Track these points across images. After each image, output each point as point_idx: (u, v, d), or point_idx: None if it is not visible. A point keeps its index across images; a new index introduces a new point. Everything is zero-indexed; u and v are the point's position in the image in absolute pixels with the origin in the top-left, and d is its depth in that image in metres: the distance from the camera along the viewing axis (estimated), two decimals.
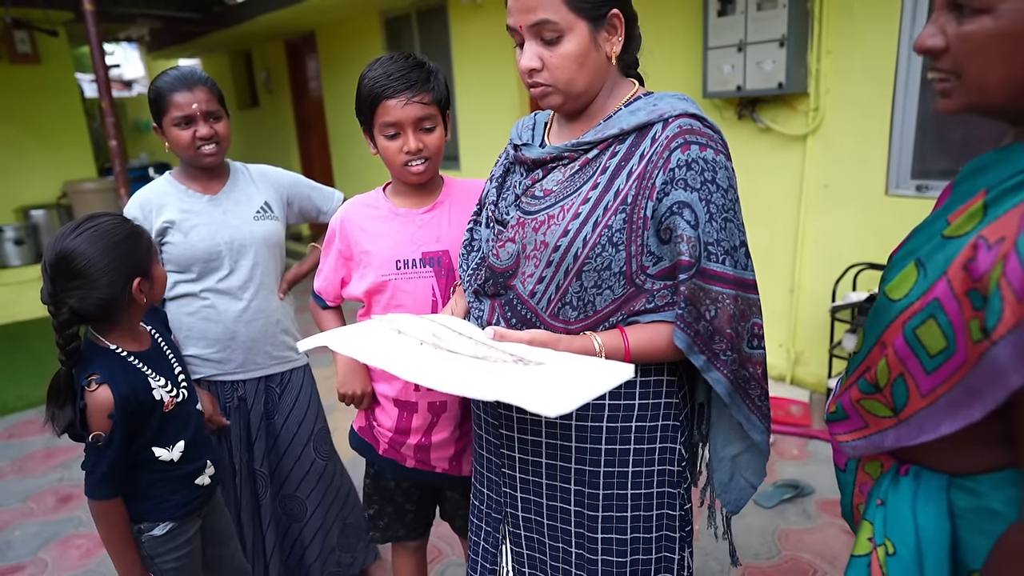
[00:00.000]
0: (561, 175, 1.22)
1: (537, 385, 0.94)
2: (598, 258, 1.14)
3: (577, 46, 1.14)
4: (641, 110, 1.18)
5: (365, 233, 1.59)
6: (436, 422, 1.61)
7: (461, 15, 5.69)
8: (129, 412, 1.47)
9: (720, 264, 1.11)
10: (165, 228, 1.93)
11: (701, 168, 1.11)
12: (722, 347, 1.13)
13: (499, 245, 1.26)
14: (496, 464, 1.36)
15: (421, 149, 1.49)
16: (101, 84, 4.29)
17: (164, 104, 1.88)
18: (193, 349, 2.00)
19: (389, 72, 1.46)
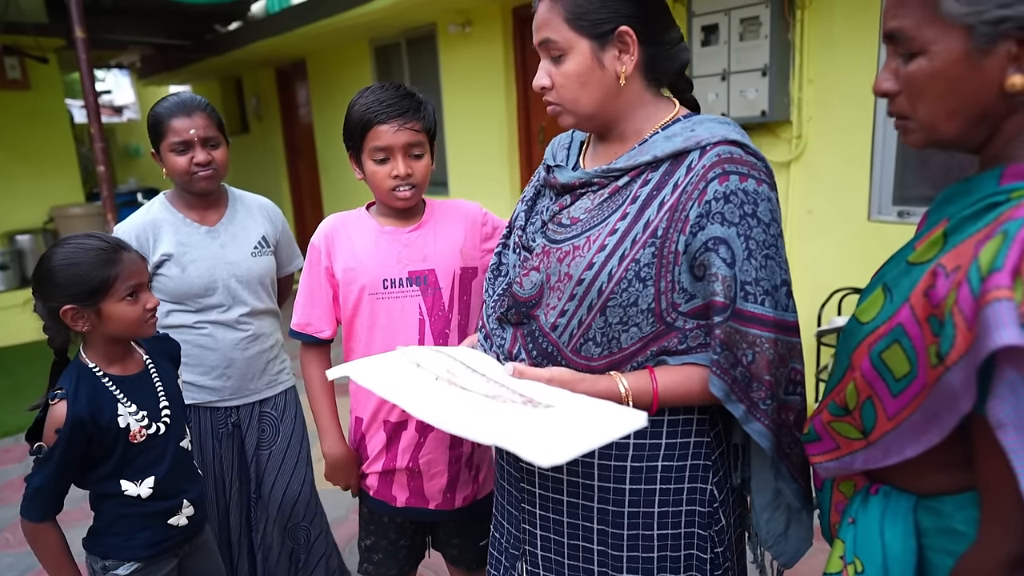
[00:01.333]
0: (590, 203, 1.15)
1: (538, 431, 0.90)
2: (624, 293, 1.07)
3: (577, 65, 1.10)
4: (677, 136, 1.10)
5: (351, 250, 1.59)
6: (424, 442, 1.60)
7: (450, 43, 5.76)
8: (83, 434, 1.43)
9: (759, 305, 1.03)
10: (163, 261, 1.89)
11: (740, 201, 1.03)
12: (761, 395, 1.05)
13: (523, 273, 1.19)
14: (516, 498, 1.30)
15: (410, 175, 1.51)
16: (91, 110, 4.30)
17: (162, 129, 1.86)
18: (189, 376, 1.94)
19: (382, 99, 1.50)
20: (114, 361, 1.53)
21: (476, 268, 1.63)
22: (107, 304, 1.44)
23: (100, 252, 1.44)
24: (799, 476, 1.13)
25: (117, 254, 1.46)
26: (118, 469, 1.50)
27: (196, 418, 2.01)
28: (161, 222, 1.91)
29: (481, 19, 5.38)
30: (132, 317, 1.48)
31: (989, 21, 0.77)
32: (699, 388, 1.08)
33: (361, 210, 1.66)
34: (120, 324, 1.47)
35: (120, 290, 1.45)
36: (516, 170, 5.54)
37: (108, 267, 1.44)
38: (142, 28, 8.07)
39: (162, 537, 1.56)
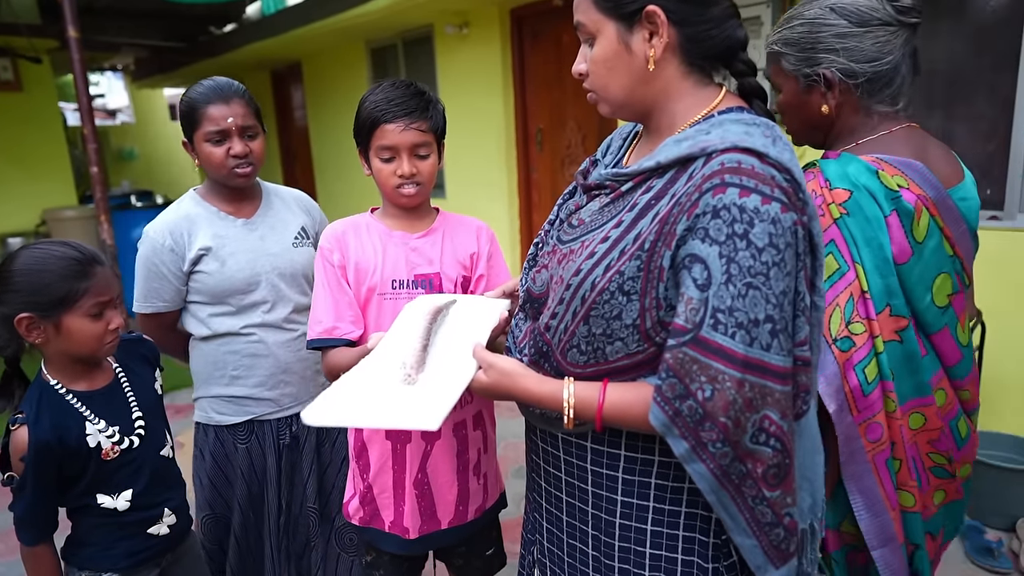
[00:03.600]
0: (597, 206, 1.10)
1: (416, 402, 1.08)
2: (606, 305, 1.00)
3: (603, 50, 1.04)
4: (688, 139, 1.00)
5: (361, 252, 1.56)
6: (431, 451, 1.56)
7: (447, 45, 5.73)
8: (50, 458, 1.35)
9: (727, 337, 0.90)
10: (200, 256, 1.75)
11: (732, 218, 0.90)
12: (712, 436, 0.92)
13: (537, 270, 1.18)
14: (530, 485, 1.29)
15: (415, 174, 1.50)
16: (84, 110, 4.25)
17: (197, 117, 1.71)
18: (241, 389, 1.80)
19: (390, 98, 1.48)
20: (78, 376, 1.44)
21: (471, 279, 1.61)
22: (68, 318, 1.36)
23: (71, 262, 1.36)
24: (759, 533, 0.98)
25: (90, 267, 1.38)
26: (92, 485, 1.44)
27: (251, 434, 1.85)
28: (195, 216, 1.79)
29: (478, 20, 5.34)
30: (91, 335, 1.38)
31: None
32: (642, 411, 0.97)
33: (365, 215, 1.63)
34: (77, 341, 1.38)
35: (86, 305, 1.36)
36: (514, 173, 5.50)
37: (78, 279, 1.35)
38: (136, 30, 8.02)
39: (142, 547, 1.51)
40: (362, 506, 1.60)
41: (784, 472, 0.94)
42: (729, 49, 1.07)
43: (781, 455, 0.93)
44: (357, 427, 1.27)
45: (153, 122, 13.27)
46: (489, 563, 1.72)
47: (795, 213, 0.92)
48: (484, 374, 1.13)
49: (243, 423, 1.84)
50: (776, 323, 0.91)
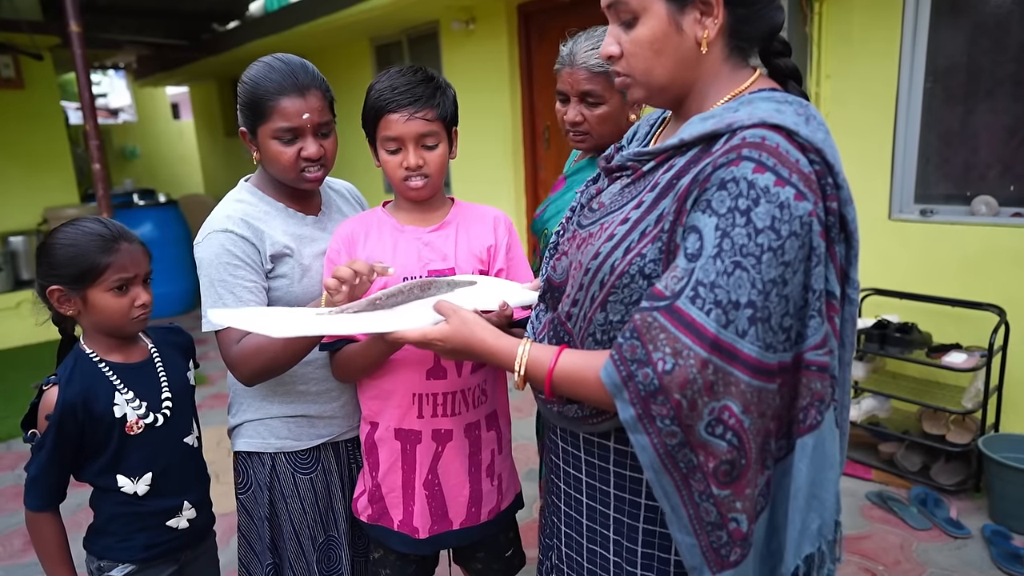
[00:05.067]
0: (618, 188, 1.07)
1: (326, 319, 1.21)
2: (625, 289, 0.95)
3: (651, 30, 0.97)
4: (715, 117, 0.95)
5: (371, 250, 1.51)
6: (442, 452, 1.50)
7: (453, 41, 5.67)
8: (73, 420, 1.38)
9: (701, 312, 0.85)
10: (283, 255, 1.53)
11: (737, 192, 0.86)
12: (663, 411, 0.87)
13: (557, 257, 1.15)
14: (548, 487, 1.25)
15: (421, 166, 1.44)
16: (86, 106, 4.20)
17: (265, 109, 1.46)
18: (313, 408, 1.59)
19: (395, 86, 1.42)
20: (113, 349, 1.48)
21: (488, 273, 1.54)
22: (93, 292, 1.40)
23: (97, 237, 1.40)
24: (700, 532, 0.92)
25: (116, 242, 1.41)
26: (114, 462, 1.44)
27: (317, 462, 1.63)
28: (263, 212, 1.56)
29: (485, 16, 5.29)
30: (116, 310, 1.42)
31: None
32: (593, 375, 0.94)
33: (377, 210, 1.58)
34: (102, 315, 1.42)
35: (109, 280, 1.40)
36: (520, 170, 5.44)
37: (101, 254, 1.39)
38: (138, 28, 7.98)
39: (160, 540, 1.49)
40: (370, 504, 1.55)
41: (738, 473, 0.88)
42: (771, 31, 1.02)
43: (736, 452, 0.87)
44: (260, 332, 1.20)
45: (155, 121, 13.23)
46: (509, 564, 1.67)
47: (811, 203, 0.86)
48: (446, 322, 1.12)
49: (310, 449, 1.61)
50: (758, 310, 0.85)
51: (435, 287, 1.32)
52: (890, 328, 3.09)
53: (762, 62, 1.06)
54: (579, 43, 1.67)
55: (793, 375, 0.91)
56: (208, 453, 1.72)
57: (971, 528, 2.67)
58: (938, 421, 3.02)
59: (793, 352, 0.90)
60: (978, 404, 2.84)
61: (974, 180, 3.13)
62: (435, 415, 1.48)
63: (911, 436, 3.03)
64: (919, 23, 3.09)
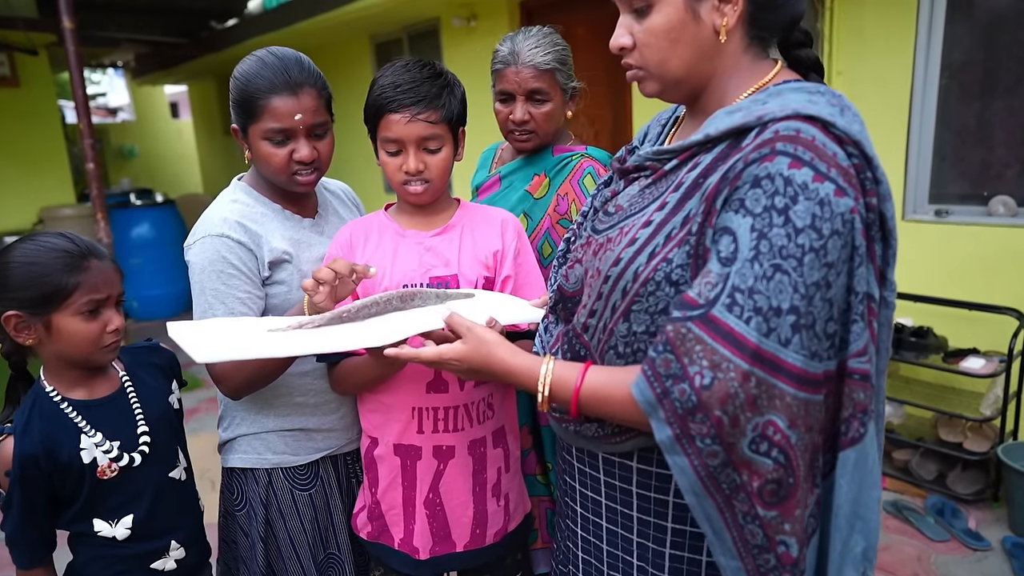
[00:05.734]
0: (637, 189, 1.00)
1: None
2: (651, 297, 0.89)
3: (667, 18, 0.91)
4: (743, 110, 0.89)
5: (370, 255, 1.43)
6: (444, 470, 1.41)
7: (454, 38, 5.59)
8: (38, 474, 1.23)
9: (740, 321, 0.79)
10: (282, 262, 1.44)
11: (773, 189, 0.80)
12: (703, 430, 0.81)
13: (569, 265, 1.08)
14: (561, 510, 1.18)
15: (421, 170, 1.35)
16: (79, 104, 4.14)
17: (255, 109, 1.37)
18: (312, 420, 1.51)
19: (398, 83, 1.32)
20: (77, 383, 1.31)
21: (494, 280, 1.46)
22: (59, 317, 1.22)
23: (63, 254, 1.22)
24: (746, 555, 0.85)
25: (85, 260, 1.24)
26: (88, 509, 1.29)
27: (316, 477, 1.54)
28: (259, 213, 1.47)
29: (486, 13, 5.21)
30: (85, 337, 1.24)
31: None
32: (623, 392, 0.88)
33: (378, 213, 1.50)
34: (70, 343, 1.25)
35: (78, 302, 1.23)
36: None
37: (68, 273, 1.22)
38: (136, 25, 7.90)
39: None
40: (370, 520, 1.48)
41: (785, 492, 0.82)
42: (792, 21, 0.97)
43: (783, 470, 0.81)
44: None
45: (154, 120, 13.16)
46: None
47: (852, 199, 0.81)
48: (462, 342, 1.06)
49: (308, 464, 1.52)
50: (801, 316, 0.80)
51: (420, 298, 1.23)
52: (905, 332, 3.01)
53: (781, 53, 1.01)
54: (520, 42, 1.67)
55: (837, 384, 0.86)
56: (204, 460, 1.61)
57: (991, 540, 2.58)
58: (954, 428, 2.94)
59: (837, 360, 0.85)
60: (997, 411, 2.75)
61: (991, 179, 3.04)
62: (436, 431, 1.40)
63: (926, 443, 2.95)
64: (935, 17, 3.00)
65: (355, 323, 1.18)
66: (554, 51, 1.67)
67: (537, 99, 1.69)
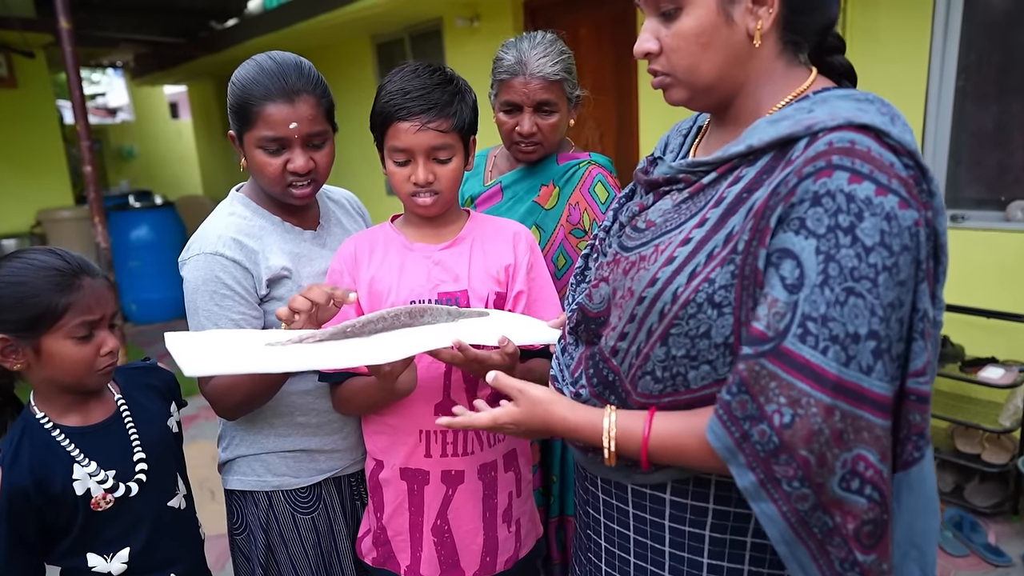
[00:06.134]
0: (670, 203, 0.95)
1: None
2: (691, 320, 0.85)
3: (697, 21, 0.86)
4: (788, 119, 0.85)
5: (376, 270, 1.36)
6: (453, 495, 1.35)
7: (457, 39, 5.53)
8: (27, 506, 1.16)
9: (816, 352, 0.75)
10: (280, 278, 1.38)
11: (835, 207, 0.76)
12: (788, 472, 0.77)
13: (593, 284, 1.03)
14: (582, 543, 1.12)
15: (431, 182, 1.29)
16: (76, 106, 4.08)
17: (250, 116, 1.31)
18: (314, 441, 1.44)
19: (406, 89, 1.26)
20: (70, 408, 1.24)
21: (506, 296, 1.39)
22: (49, 340, 1.15)
23: (54, 272, 1.15)
24: None
25: (76, 279, 1.17)
26: (81, 543, 1.22)
27: (319, 499, 1.47)
28: (258, 227, 1.40)
29: (490, 13, 5.14)
30: (78, 360, 1.17)
31: None
32: (697, 440, 0.84)
33: (384, 225, 1.43)
34: (61, 368, 1.18)
35: (69, 324, 1.16)
36: None
37: (59, 293, 1.15)
38: (134, 25, 7.83)
39: None
40: (376, 546, 1.41)
41: (881, 531, 0.78)
42: (826, 26, 0.93)
43: (879, 508, 0.77)
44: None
45: (153, 120, 13.10)
46: None
47: (915, 211, 0.77)
48: (515, 404, 1.01)
49: (310, 486, 1.46)
50: (881, 341, 0.76)
51: (430, 315, 1.17)
52: None
53: (812, 60, 0.96)
54: (526, 51, 1.61)
55: (894, 405, 0.81)
56: (203, 469, 1.54)
57: (1012, 555, 2.51)
58: (972, 439, 2.87)
59: (898, 380, 0.81)
60: (1017, 422, 2.68)
61: (1009, 184, 2.98)
62: (444, 454, 1.33)
63: (942, 454, 2.88)
64: (951, 18, 2.94)
65: (360, 338, 1.11)
66: (562, 60, 1.63)
67: (545, 110, 1.64)
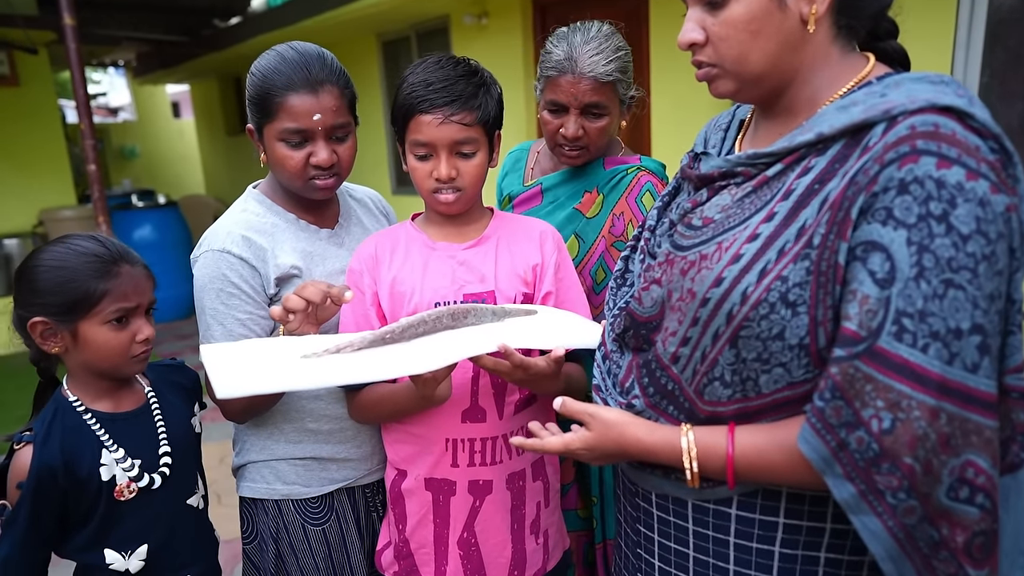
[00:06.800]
0: (729, 198, 0.90)
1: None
2: (763, 321, 0.80)
3: (747, 7, 0.82)
4: (859, 103, 0.81)
5: (398, 271, 1.31)
6: (480, 506, 1.29)
7: (464, 36, 5.48)
8: (53, 488, 1.15)
9: (916, 350, 0.71)
10: (290, 277, 1.33)
11: (925, 195, 0.72)
12: (892, 483, 0.72)
13: (643, 287, 0.97)
14: (631, 562, 1.07)
15: (454, 177, 1.23)
16: (80, 104, 4.06)
17: (271, 107, 1.26)
18: (326, 448, 1.39)
19: (429, 81, 1.20)
20: (103, 394, 1.25)
21: (533, 297, 1.33)
22: (86, 325, 1.17)
23: (93, 259, 1.17)
24: None
25: (115, 265, 1.18)
26: (101, 534, 1.21)
27: (331, 510, 1.42)
28: (270, 225, 1.36)
29: (498, 10, 5.10)
30: (113, 347, 1.19)
31: None
32: (789, 454, 0.79)
33: (405, 224, 1.38)
34: (96, 354, 1.19)
35: (106, 310, 1.17)
36: None
37: (97, 279, 1.16)
38: (137, 23, 7.81)
39: None
40: (397, 560, 1.35)
41: (991, 543, 0.74)
42: (881, 9, 0.89)
43: (990, 518, 0.73)
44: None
45: (156, 119, 13.07)
46: None
47: (1007, 195, 0.74)
48: (587, 429, 0.97)
49: (322, 496, 1.40)
50: (987, 336, 0.72)
51: (474, 315, 1.11)
52: None
53: (861, 46, 0.92)
54: (578, 46, 1.45)
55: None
56: (209, 472, 1.50)
57: None
58: None
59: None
60: None
61: None
62: (472, 464, 1.27)
63: None
64: (975, 12, 2.88)
65: (399, 344, 1.05)
66: (616, 58, 1.45)
67: (594, 113, 1.47)
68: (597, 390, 1.03)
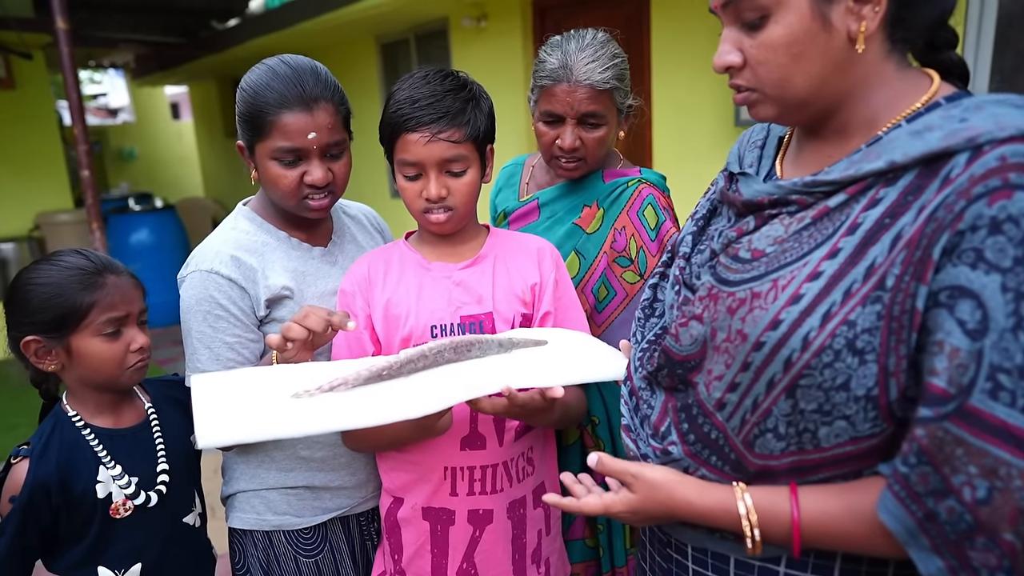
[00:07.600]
0: (783, 229, 0.82)
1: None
2: (826, 370, 0.73)
3: (788, 28, 0.75)
4: (935, 129, 0.73)
5: (392, 292, 1.26)
6: (480, 536, 1.24)
7: (463, 39, 5.43)
8: (46, 503, 1.15)
9: (1015, 410, 0.64)
10: (281, 298, 1.29)
11: (1021, 235, 0.65)
12: (991, 561, 0.65)
13: (680, 322, 0.88)
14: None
15: (444, 196, 1.19)
16: (73, 108, 4.01)
17: (264, 125, 1.21)
18: (318, 477, 1.34)
19: (415, 97, 1.16)
20: (103, 409, 1.25)
21: (532, 317, 1.29)
22: (78, 339, 1.18)
23: (77, 272, 1.17)
24: None
25: (100, 276, 1.19)
26: (94, 552, 1.20)
27: (324, 540, 1.37)
28: (261, 244, 1.31)
29: (498, 12, 5.04)
30: (107, 359, 1.19)
31: None
32: (869, 522, 0.73)
33: (399, 243, 1.34)
34: (92, 366, 1.19)
35: (96, 322, 1.17)
36: None
37: (83, 291, 1.17)
38: (134, 25, 7.75)
39: None
40: None
41: None
42: (941, 17, 0.81)
43: None
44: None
45: (154, 121, 13.02)
46: None
47: None
48: (630, 491, 0.88)
49: (314, 526, 1.36)
50: None
51: (479, 347, 1.05)
52: None
53: (914, 57, 0.85)
54: (572, 54, 1.40)
55: None
56: (204, 483, 1.46)
57: None
58: None
59: None
60: None
61: None
62: (472, 492, 1.23)
63: None
64: (984, 16, 2.83)
65: (398, 380, 1.00)
66: (613, 66, 1.41)
67: (591, 123, 1.43)
68: (627, 431, 0.94)
